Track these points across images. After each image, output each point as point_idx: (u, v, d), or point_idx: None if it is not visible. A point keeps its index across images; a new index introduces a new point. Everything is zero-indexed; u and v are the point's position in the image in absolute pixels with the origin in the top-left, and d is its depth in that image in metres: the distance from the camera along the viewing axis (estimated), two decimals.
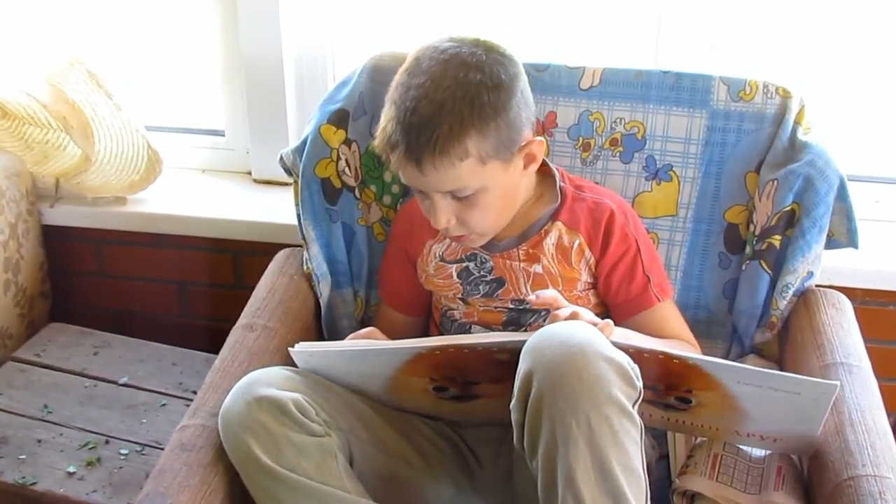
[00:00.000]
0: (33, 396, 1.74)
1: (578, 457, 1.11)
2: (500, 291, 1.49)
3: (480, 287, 1.50)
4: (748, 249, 1.58)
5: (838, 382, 1.22)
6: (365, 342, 1.38)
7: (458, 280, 1.51)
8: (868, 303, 1.87)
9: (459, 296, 1.52)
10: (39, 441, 1.64)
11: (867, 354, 1.48)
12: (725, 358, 1.60)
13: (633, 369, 1.17)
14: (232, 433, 1.26)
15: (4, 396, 1.74)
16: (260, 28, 1.88)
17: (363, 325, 1.67)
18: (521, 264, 1.47)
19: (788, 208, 1.52)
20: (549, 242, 1.47)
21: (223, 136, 2.08)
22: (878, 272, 1.82)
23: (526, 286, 1.47)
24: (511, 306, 1.48)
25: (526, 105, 1.39)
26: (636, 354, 1.24)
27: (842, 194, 1.53)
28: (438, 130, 1.30)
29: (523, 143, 1.38)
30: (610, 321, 1.29)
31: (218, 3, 1.92)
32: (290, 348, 1.34)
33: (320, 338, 1.64)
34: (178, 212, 1.97)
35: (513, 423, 1.19)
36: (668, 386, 1.31)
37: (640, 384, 1.17)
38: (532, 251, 1.47)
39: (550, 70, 1.60)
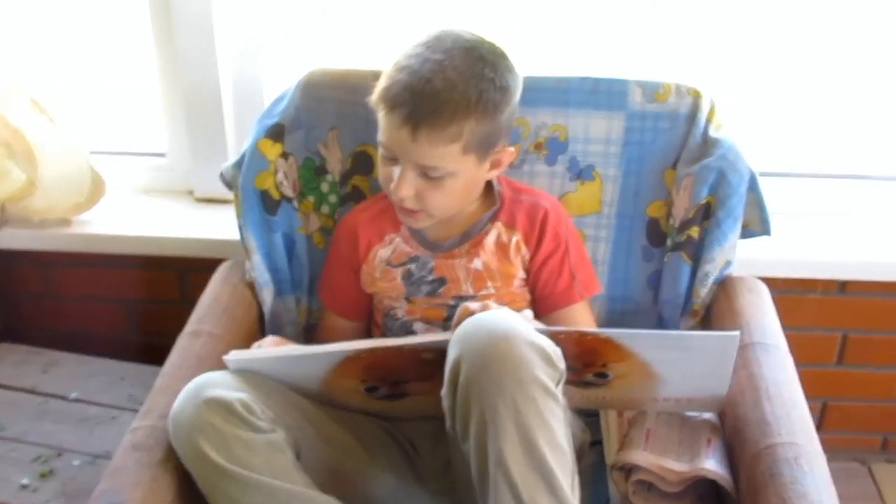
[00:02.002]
0: None
1: (506, 436, 1.19)
2: (441, 290, 1.56)
3: (422, 287, 1.57)
4: (669, 242, 1.67)
5: (738, 332, 1.32)
6: (296, 347, 1.45)
7: (401, 282, 1.58)
8: (787, 291, 1.97)
9: (403, 296, 1.59)
10: None
11: (785, 337, 1.59)
12: None
13: (555, 352, 1.25)
14: (183, 434, 1.30)
15: None
16: (196, 55, 1.94)
17: (307, 332, 1.74)
18: (463, 261, 1.55)
19: (704, 201, 1.61)
20: (490, 240, 1.55)
21: (164, 157, 2.13)
22: (792, 262, 1.92)
23: (467, 283, 1.55)
24: (452, 303, 1.55)
25: (513, 116, 1.50)
26: (552, 337, 1.32)
27: (753, 185, 1.63)
28: (444, 106, 1.38)
29: (499, 149, 1.48)
30: (526, 311, 1.39)
31: (156, 32, 1.98)
32: (223, 357, 1.40)
33: None
34: (122, 231, 2.01)
35: (445, 410, 1.26)
36: (585, 364, 1.39)
37: (562, 365, 1.25)
38: (473, 248, 1.55)
39: None
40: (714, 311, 1.65)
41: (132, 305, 2.13)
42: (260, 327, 1.69)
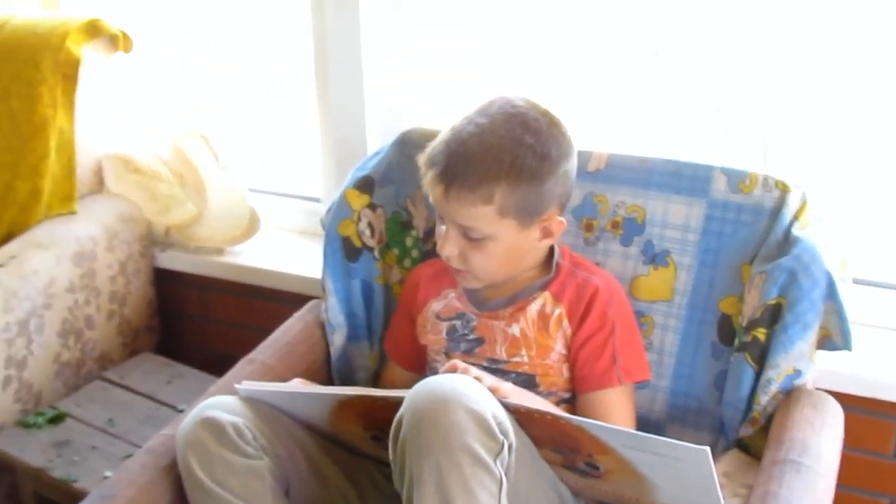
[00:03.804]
0: (104, 410, 1.98)
1: (426, 499, 1.18)
2: (478, 349, 1.57)
3: (461, 344, 1.58)
4: (736, 341, 1.56)
5: (707, 448, 1.21)
6: (295, 386, 1.51)
7: (445, 336, 1.61)
8: None
9: (444, 350, 1.61)
10: (94, 447, 1.87)
11: (838, 460, 1.44)
12: (713, 451, 1.58)
13: (500, 424, 1.22)
14: (179, 447, 1.41)
15: (81, 408, 2.00)
16: (348, 116, 2.09)
17: (376, 377, 1.79)
18: (502, 324, 1.55)
19: (773, 302, 1.50)
20: (533, 308, 1.54)
21: (319, 202, 2.28)
22: None
23: (502, 347, 1.55)
24: (485, 364, 1.55)
25: (562, 185, 1.49)
26: (527, 415, 1.30)
27: (831, 293, 1.49)
28: (474, 168, 1.43)
29: (545, 217, 1.48)
30: (507, 384, 1.36)
31: (318, 90, 2.14)
32: (235, 384, 1.48)
33: (328, 383, 1.76)
34: (267, 266, 2.18)
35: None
36: (571, 450, 1.34)
37: (504, 439, 1.22)
38: (515, 313, 1.55)
39: None
40: (773, 421, 1.52)
41: None
42: (325, 366, 1.76)
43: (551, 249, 1.58)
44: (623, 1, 1.95)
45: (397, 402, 1.31)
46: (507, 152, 1.42)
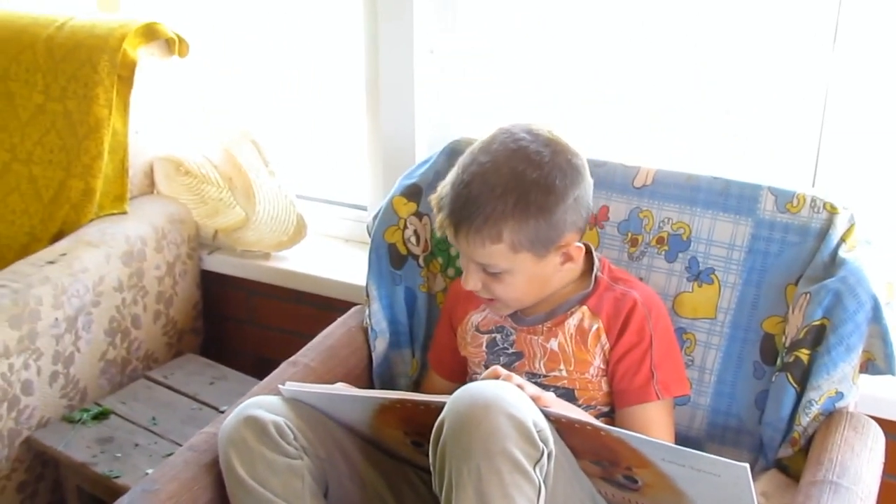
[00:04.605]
0: (147, 409, 2.01)
1: (465, 503, 1.19)
2: (516, 363, 1.57)
3: (501, 357, 1.59)
4: (778, 361, 1.56)
5: (747, 464, 1.21)
6: (338, 388, 1.52)
7: (485, 349, 1.61)
8: None
9: (483, 363, 1.61)
10: (136, 445, 1.90)
11: (877, 484, 1.43)
12: (751, 470, 1.57)
13: (540, 432, 1.23)
14: (221, 444, 1.43)
15: (126, 405, 2.02)
16: (398, 124, 2.11)
17: (416, 385, 1.80)
18: (540, 339, 1.56)
19: (817, 323, 1.49)
20: (571, 323, 1.55)
21: (366, 210, 2.30)
22: None
23: (541, 361, 1.55)
24: (524, 378, 1.56)
25: (575, 211, 1.48)
26: (568, 425, 1.30)
27: (876, 316, 1.48)
28: (480, 210, 1.43)
29: (562, 244, 1.48)
30: (549, 394, 1.37)
31: (368, 101, 2.16)
32: (278, 385, 1.50)
33: (369, 388, 1.77)
34: (314, 272, 2.20)
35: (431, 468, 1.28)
36: (610, 462, 1.34)
37: (544, 446, 1.23)
38: (553, 328, 1.55)
39: (608, 167, 1.68)
40: (813, 443, 1.51)
41: None
42: (367, 371, 1.78)
43: (590, 262, 1.59)
44: (632, 3, 1.95)
45: (438, 408, 1.32)
46: (511, 191, 1.42)
